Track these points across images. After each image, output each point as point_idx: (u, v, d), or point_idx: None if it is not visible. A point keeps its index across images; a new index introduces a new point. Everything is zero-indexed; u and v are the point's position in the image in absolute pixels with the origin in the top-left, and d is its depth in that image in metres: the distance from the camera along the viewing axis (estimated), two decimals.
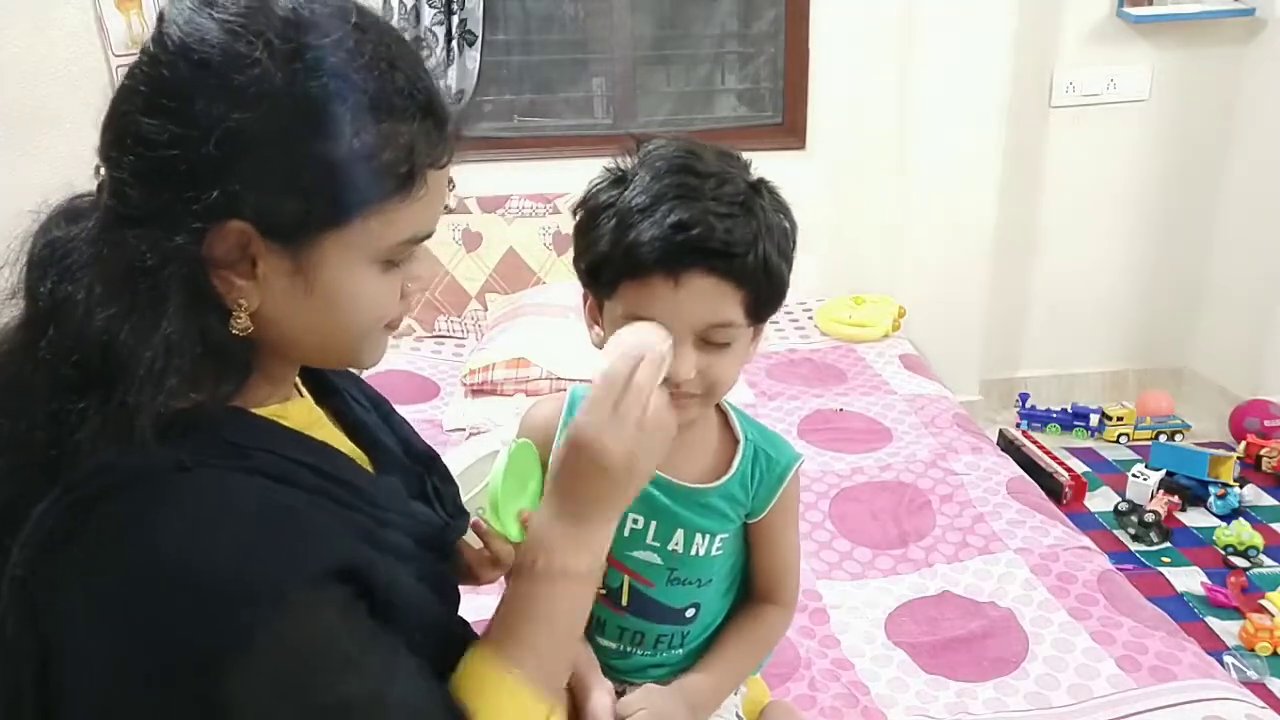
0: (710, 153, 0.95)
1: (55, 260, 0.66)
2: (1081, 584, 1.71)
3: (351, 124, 0.66)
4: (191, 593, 0.62)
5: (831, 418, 2.42)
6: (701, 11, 3.12)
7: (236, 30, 0.64)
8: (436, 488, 0.90)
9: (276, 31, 0.65)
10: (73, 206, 0.70)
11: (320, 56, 0.65)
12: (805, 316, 3.13)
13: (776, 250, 0.92)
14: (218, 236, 0.66)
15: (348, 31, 0.67)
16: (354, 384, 0.93)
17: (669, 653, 1.11)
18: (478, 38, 2.89)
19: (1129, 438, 3.11)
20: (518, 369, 2.46)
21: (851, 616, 1.68)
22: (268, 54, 0.64)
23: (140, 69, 0.67)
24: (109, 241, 0.65)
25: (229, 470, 0.67)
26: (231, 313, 0.68)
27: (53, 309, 0.65)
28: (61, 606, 0.63)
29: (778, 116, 3.19)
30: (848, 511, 2.00)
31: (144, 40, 0.71)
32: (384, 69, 0.68)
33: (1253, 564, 2.44)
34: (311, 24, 0.66)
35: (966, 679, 1.51)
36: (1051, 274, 3.32)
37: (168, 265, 0.64)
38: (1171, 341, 3.42)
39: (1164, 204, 3.25)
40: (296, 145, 0.65)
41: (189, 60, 0.65)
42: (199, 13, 0.66)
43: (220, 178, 0.64)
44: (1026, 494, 2.05)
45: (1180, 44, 3.06)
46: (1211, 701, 1.40)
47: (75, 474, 0.64)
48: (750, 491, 1.08)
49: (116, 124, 0.67)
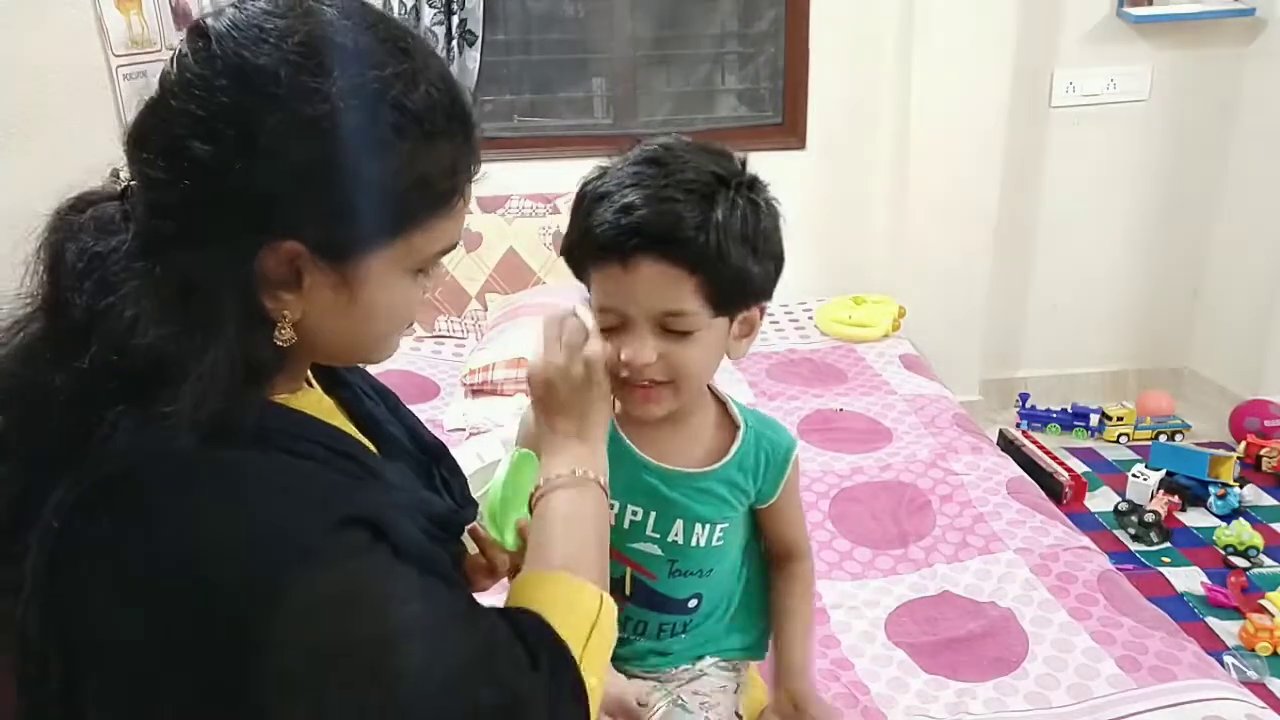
0: (689, 147, 0.96)
1: (89, 271, 0.66)
2: (1081, 584, 1.71)
3: (404, 148, 0.69)
4: (218, 558, 0.63)
5: (831, 418, 2.42)
6: (701, 11, 3.12)
7: (299, 63, 0.65)
8: (445, 478, 0.91)
9: (337, 62, 0.66)
10: (99, 214, 0.69)
11: (379, 87, 0.67)
12: (805, 316, 3.13)
13: (737, 239, 0.91)
14: (270, 256, 0.67)
15: (400, 59, 0.69)
16: (362, 377, 0.94)
17: (671, 640, 1.13)
18: (478, 38, 2.89)
19: (1129, 438, 3.11)
20: (518, 369, 2.45)
21: (851, 616, 1.68)
22: (331, 87, 0.65)
23: (190, 90, 0.66)
24: (159, 261, 0.65)
25: (246, 448, 0.69)
26: (275, 324, 0.70)
27: (92, 322, 0.64)
28: (88, 591, 0.64)
29: (778, 116, 3.19)
30: (848, 511, 2.00)
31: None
32: (431, 91, 0.70)
33: (1253, 564, 2.44)
34: (369, 54, 0.68)
35: (966, 679, 1.51)
36: (1051, 274, 3.32)
37: (222, 286, 0.66)
38: (1171, 341, 3.42)
39: (1164, 204, 3.25)
40: (352, 171, 0.67)
41: (251, 89, 0.65)
42: (257, 42, 0.66)
43: (277, 202, 0.66)
44: (1026, 494, 2.05)
45: (1180, 44, 3.06)
46: (1211, 701, 1.40)
47: (93, 459, 0.64)
48: (753, 475, 1.10)
49: (161, 143, 0.66)
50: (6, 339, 0.70)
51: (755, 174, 0.98)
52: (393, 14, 0.75)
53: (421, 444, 0.93)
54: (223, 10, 0.68)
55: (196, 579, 0.63)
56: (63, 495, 0.64)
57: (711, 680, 1.16)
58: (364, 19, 0.70)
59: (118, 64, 1.31)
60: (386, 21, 0.72)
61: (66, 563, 0.64)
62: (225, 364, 0.66)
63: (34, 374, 0.66)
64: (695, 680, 1.15)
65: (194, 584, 0.62)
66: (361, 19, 0.70)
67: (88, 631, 0.64)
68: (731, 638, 1.18)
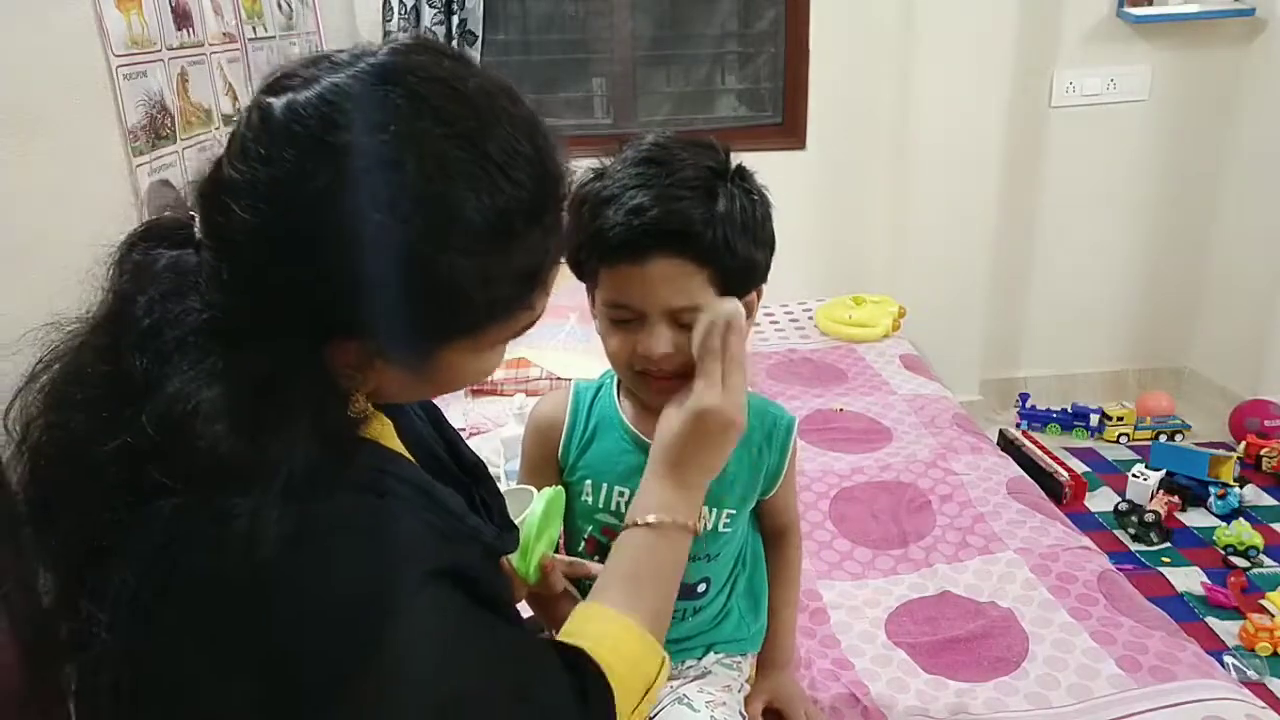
0: (679, 144, 0.99)
1: (156, 332, 0.63)
2: (1081, 584, 1.71)
3: (483, 259, 0.64)
4: (310, 614, 0.62)
5: (831, 418, 2.42)
6: (701, 11, 3.12)
7: (375, 168, 0.61)
8: (485, 500, 0.90)
9: (416, 169, 0.61)
10: (176, 265, 0.65)
11: (459, 196, 0.62)
12: (805, 316, 3.13)
13: (740, 230, 0.95)
14: (341, 348, 0.66)
15: (483, 162, 0.64)
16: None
17: (678, 625, 1.16)
18: (478, 38, 2.89)
19: (1129, 438, 3.11)
20: (518, 369, 2.46)
21: (851, 616, 1.68)
22: (410, 195, 0.61)
23: (278, 175, 0.61)
24: (231, 345, 0.62)
25: (330, 493, 0.65)
26: (348, 396, 0.68)
27: (151, 393, 0.61)
28: (173, 656, 0.62)
29: (778, 116, 3.19)
30: (848, 511, 2.00)
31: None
32: (518, 191, 0.65)
33: (1253, 564, 2.44)
34: (451, 160, 0.63)
35: (966, 679, 1.51)
36: (1051, 274, 3.32)
37: (295, 377, 0.63)
38: (1171, 341, 3.42)
39: (1164, 204, 3.25)
40: (427, 282, 0.63)
41: (325, 194, 0.60)
42: (333, 130, 0.61)
43: (346, 311, 0.63)
44: (1026, 494, 2.05)
45: (1180, 44, 3.06)
46: (1211, 701, 1.40)
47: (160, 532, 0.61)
48: (760, 448, 1.14)
49: (231, 227, 0.62)
50: (54, 358, 0.67)
51: (740, 163, 1.02)
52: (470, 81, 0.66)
53: (463, 464, 0.92)
54: (279, 91, 0.63)
55: (284, 648, 0.61)
56: (137, 562, 0.62)
57: (717, 678, 1.18)
58: (448, 115, 0.64)
59: (118, 64, 1.31)
60: (471, 111, 0.65)
61: (144, 630, 0.62)
62: (299, 461, 0.62)
63: (86, 431, 0.63)
64: (702, 678, 1.17)
65: (282, 654, 0.61)
66: (445, 115, 0.63)
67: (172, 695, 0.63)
68: (736, 626, 1.20)
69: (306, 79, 0.63)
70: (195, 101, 1.63)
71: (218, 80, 1.75)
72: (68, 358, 0.67)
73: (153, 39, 1.44)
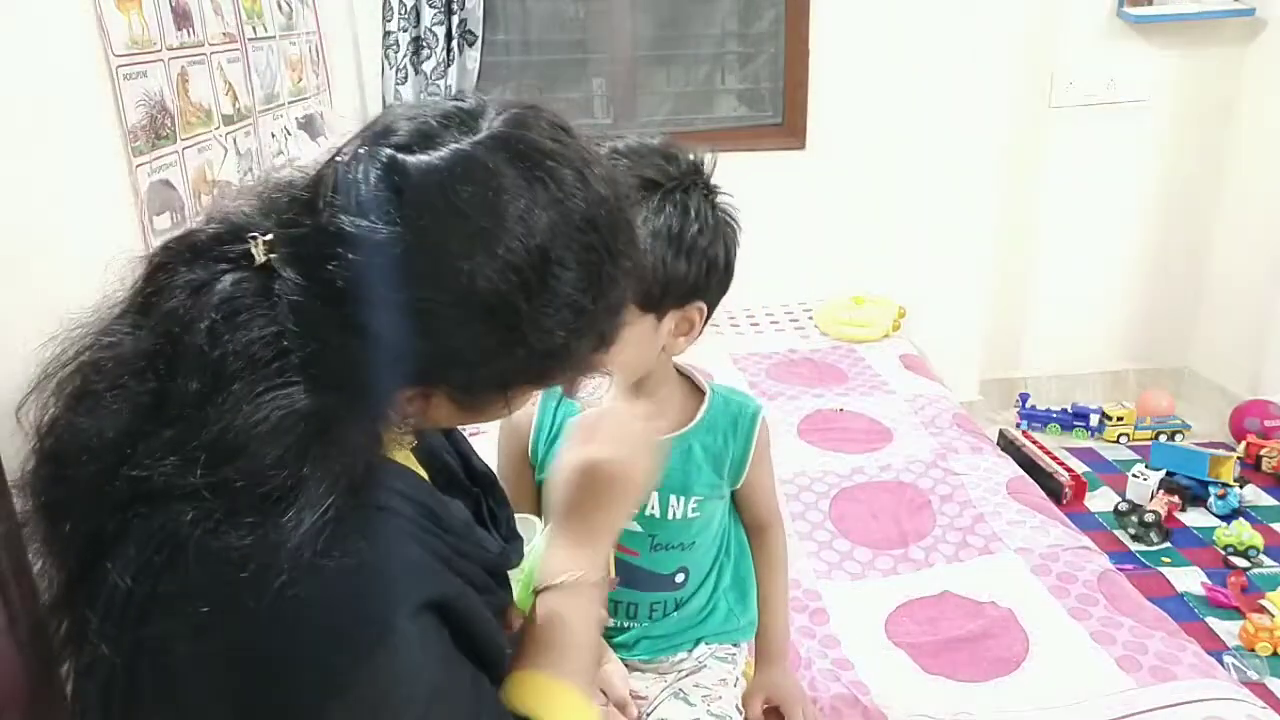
0: (637, 151, 0.98)
1: (218, 368, 0.62)
2: (1081, 584, 1.71)
3: (575, 324, 0.67)
4: (298, 631, 0.62)
5: (831, 418, 2.42)
6: (701, 11, 3.12)
7: (487, 233, 0.62)
8: (492, 510, 0.90)
9: (528, 237, 0.63)
10: (234, 295, 0.64)
11: (567, 274, 0.65)
12: (805, 316, 3.13)
13: (662, 241, 0.94)
14: (410, 394, 0.68)
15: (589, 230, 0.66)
16: None
17: (664, 620, 1.17)
18: (478, 38, 2.89)
19: (1129, 438, 3.11)
20: None
21: (851, 616, 1.68)
22: (511, 263, 0.63)
23: (402, 236, 0.61)
24: (298, 389, 0.62)
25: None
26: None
27: (205, 422, 0.62)
28: (164, 662, 0.62)
29: (778, 116, 3.19)
30: (848, 511, 2.00)
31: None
32: (612, 254, 0.68)
33: (1253, 564, 2.44)
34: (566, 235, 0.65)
35: (966, 679, 1.51)
36: (1051, 274, 3.32)
37: (359, 424, 0.64)
38: (1171, 341, 3.42)
39: (1164, 204, 3.25)
40: (520, 346, 0.65)
41: (442, 261, 0.62)
42: (448, 207, 0.62)
43: (441, 367, 0.66)
44: (1026, 494, 2.05)
45: (1180, 44, 3.06)
46: (1212, 702, 1.40)
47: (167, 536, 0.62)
48: (724, 435, 1.14)
49: (333, 286, 0.62)
50: (75, 358, 0.67)
51: (704, 179, 1.00)
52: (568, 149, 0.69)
53: (473, 473, 0.92)
54: (412, 148, 0.63)
55: (275, 649, 0.62)
56: (137, 567, 0.62)
57: (712, 672, 1.18)
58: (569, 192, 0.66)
59: (118, 64, 1.31)
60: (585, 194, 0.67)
61: (139, 635, 0.62)
62: (335, 493, 0.62)
63: (115, 439, 0.63)
64: (696, 673, 1.18)
65: (273, 654, 0.62)
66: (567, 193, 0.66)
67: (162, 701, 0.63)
68: (725, 618, 1.21)
69: (428, 139, 0.64)
70: (195, 101, 1.63)
71: (218, 80, 1.75)
72: (101, 362, 0.66)
73: (153, 39, 1.44)
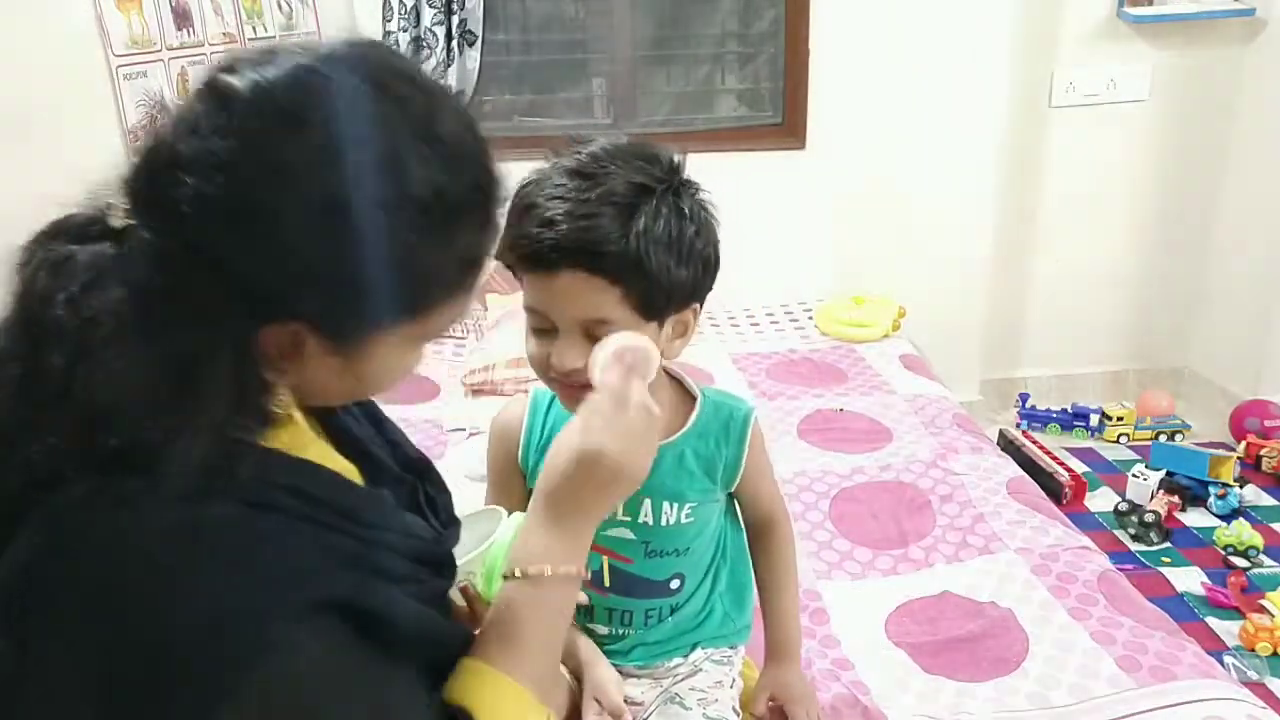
0: (618, 154, 0.96)
1: (77, 331, 0.61)
2: (1081, 584, 1.71)
3: (422, 239, 0.66)
4: (177, 645, 0.60)
5: (831, 418, 2.42)
6: (701, 11, 3.12)
7: (319, 148, 0.62)
8: (430, 496, 0.89)
9: (356, 149, 0.63)
10: (94, 261, 0.63)
11: (401, 175, 0.64)
12: (805, 316, 3.12)
13: (662, 249, 0.93)
14: (273, 333, 0.65)
15: (426, 141, 0.66)
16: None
17: (659, 626, 1.16)
18: (478, 38, 2.89)
19: (1129, 438, 3.11)
20: (518, 369, 2.45)
21: (851, 616, 1.68)
22: (350, 175, 0.62)
23: (203, 162, 0.61)
24: (153, 335, 0.61)
25: (220, 503, 0.64)
26: (269, 388, 0.67)
27: (71, 388, 0.60)
28: (39, 662, 0.61)
29: (778, 116, 3.19)
30: (848, 511, 2.00)
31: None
32: (456, 175, 0.67)
33: (1253, 564, 2.44)
34: (391, 146, 0.64)
35: (966, 679, 1.51)
36: (1051, 274, 3.32)
37: (219, 364, 0.63)
38: (1171, 341, 3.42)
39: (1164, 204, 3.25)
40: (367, 260, 0.64)
41: (269, 171, 0.61)
42: (279, 120, 0.62)
43: (287, 287, 0.64)
44: (1026, 494, 2.05)
45: (1180, 44, 3.06)
46: (1211, 702, 1.40)
47: (53, 522, 0.62)
48: (716, 440, 1.13)
49: (165, 210, 0.62)
50: None
51: (686, 177, 0.99)
52: (420, 75, 0.70)
53: (405, 462, 0.90)
54: (239, 71, 0.64)
55: (147, 665, 0.60)
56: (21, 555, 0.61)
57: (708, 676, 1.18)
58: (407, 100, 0.66)
59: (118, 64, 1.31)
60: (411, 93, 0.67)
61: (18, 630, 0.61)
62: (211, 442, 0.62)
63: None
64: (692, 676, 1.17)
65: (145, 670, 0.60)
66: (404, 100, 0.66)
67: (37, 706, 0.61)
68: (720, 623, 1.20)
69: (264, 62, 0.64)
70: None
71: None
72: None
73: (153, 39, 1.44)
